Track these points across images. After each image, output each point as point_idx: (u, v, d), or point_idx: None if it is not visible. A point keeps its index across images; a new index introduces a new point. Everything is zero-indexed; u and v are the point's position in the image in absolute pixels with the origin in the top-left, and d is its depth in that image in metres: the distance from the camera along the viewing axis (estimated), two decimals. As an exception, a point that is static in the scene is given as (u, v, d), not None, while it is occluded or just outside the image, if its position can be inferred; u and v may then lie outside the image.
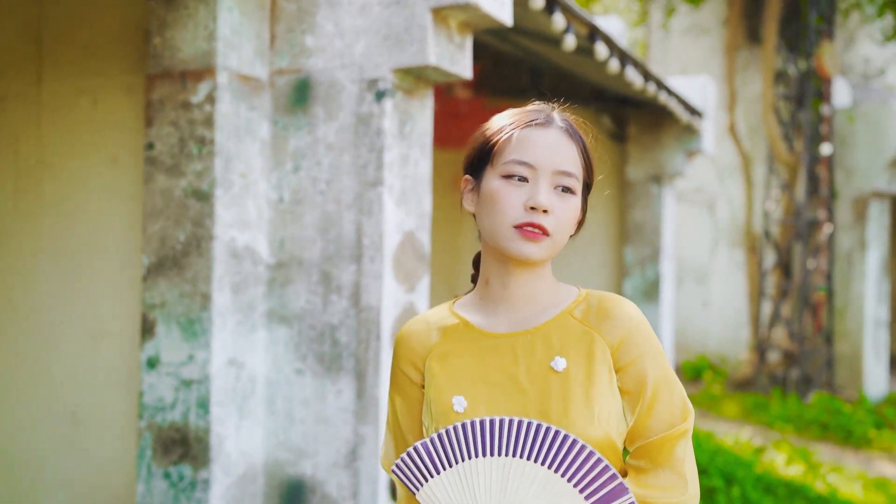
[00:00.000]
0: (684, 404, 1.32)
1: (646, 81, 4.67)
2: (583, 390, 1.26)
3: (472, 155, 1.39)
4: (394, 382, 1.42)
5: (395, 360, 1.42)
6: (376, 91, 2.80)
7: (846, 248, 8.72)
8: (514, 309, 1.35)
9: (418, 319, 1.42)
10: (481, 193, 1.35)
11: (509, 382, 1.29)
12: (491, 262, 1.37)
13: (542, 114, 1.37)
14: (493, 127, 1.38)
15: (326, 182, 2.87)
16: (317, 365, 2.88)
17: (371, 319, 2.79)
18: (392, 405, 1.43)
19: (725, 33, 9.29)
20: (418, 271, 2.96)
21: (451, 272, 6.74)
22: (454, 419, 1.28)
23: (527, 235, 1.28)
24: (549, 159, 1.30)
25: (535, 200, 1.28)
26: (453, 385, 1.31)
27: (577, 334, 1.31)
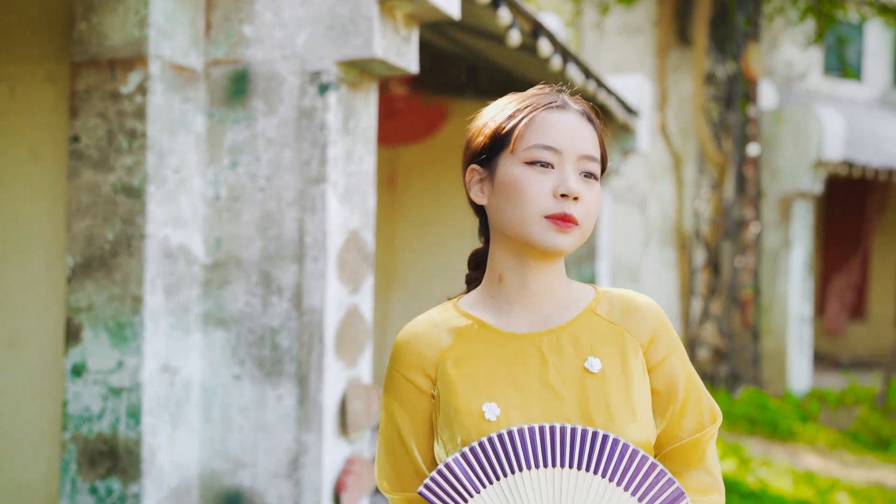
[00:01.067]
0: (712, 406, 1.28)
1: (586, 79, 4.65)
2: (622, 392, 1.19)
3: (481, 142, 1.27)
4: (394, 392, 1.27)
5: (397, 367, 1.27)
6: (319, 84, 2.68)
7: (772, 247, 8.93)
8: (533, 307, 1.25)
9: (421, 321, 1.29)
10: (497, 182, 1.23)
11: (541, 386, 1.19)
12: (506, 256, 1.26)
13: (555, 96, 1.27)
14: (501, 112, 1.27)
15: (266, 178, 2.74)
16: (256, 370, 2.75)
17: (314, 322, 2.67)
18: (391, 418, 1.27)
19: (657, 34, 9.41)
20: (363, 271, 2.85)
21: (388, 271, 6.63)
22: (487, 429, 1.15)
23: (559, 226, 1.19)
24: (573, 143, 1.21)
25: (566, 187, 1.18)
26: (479, 391, 1.19)
27: (607, 333, 1.24)
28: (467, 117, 1.35)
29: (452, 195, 6.72)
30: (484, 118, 1.29)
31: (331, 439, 2.72)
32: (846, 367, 10.48)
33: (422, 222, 6.68)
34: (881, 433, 7.13)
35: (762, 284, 8.84)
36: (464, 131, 1.26)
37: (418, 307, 6.64)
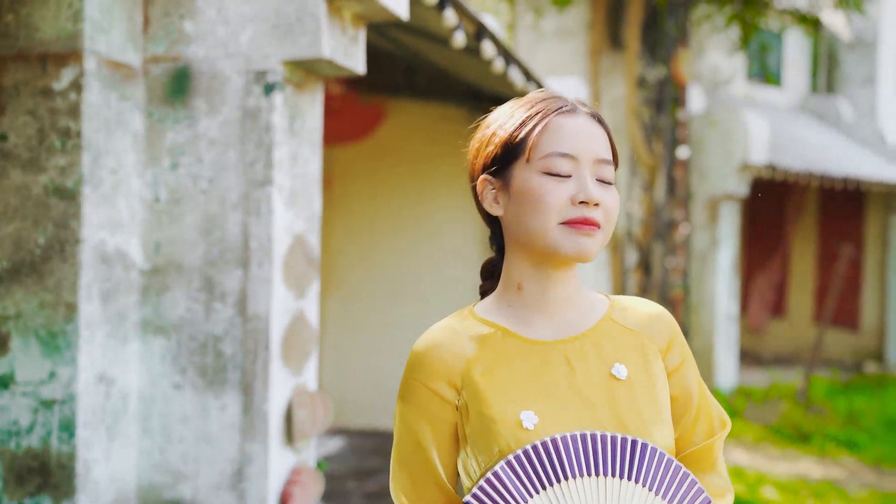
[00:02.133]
0: (721, 412, 1.30)
1: (527, 81, 4.66)
2: (650, 397, 1.20)
3: (492, 152, 1.24)
4: (414, 403, 1.22)
5: (418, 376, 1.22)
6: (265, 84, 2.60)
7: (701, 248, 9.15)
8: (554, 314, 1.23)
9: (440, 330, 1.24)
10: (514, 193, 1.21)
11: (572, 394, 1.18)
12: (524, 265, 1.23)
13: (563, 100, 1.25)
14: (510, 119, 1.23)
15: (209, 180, 2.65)
16: (198, 378, 2.66)
17: (259, 328, 2.60)
18: (410, 430, 1.22)
19: (590, 37, 9.53)
20: (308, 276, 2.79)
21: (324, 274, 6.53)
22: (526, 437, 1.13)
23: (581, 230, 1.17)
24: (588, 148, 1.20)
25: (585, 194, 1.17)
26: (513, 400, 1.16)
27: (628, 339, 1.24)
28: (405, 117, 1.30)
29: (390, 196, 6.67)
30: (491, 127, 1.26)
31: (276, 449, 2.65)
32: (768, 364, 10.82)
33: (359, 224, 6.61)
34: (803, 428, 7.36)
35: (691, 284, 9.04)
36: (403, 131, 1.25)
37: (357, 311, 6.57)
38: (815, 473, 6.22)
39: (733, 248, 9.32)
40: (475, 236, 6.58)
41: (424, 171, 6.65)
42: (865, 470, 6.42)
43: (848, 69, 12.51)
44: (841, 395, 8.74)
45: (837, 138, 11.38)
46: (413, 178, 6.65)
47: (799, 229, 12.02)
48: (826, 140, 11.02)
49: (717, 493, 1.25)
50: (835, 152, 10.54)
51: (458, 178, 6.61)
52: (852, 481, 6.05)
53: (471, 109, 6.52)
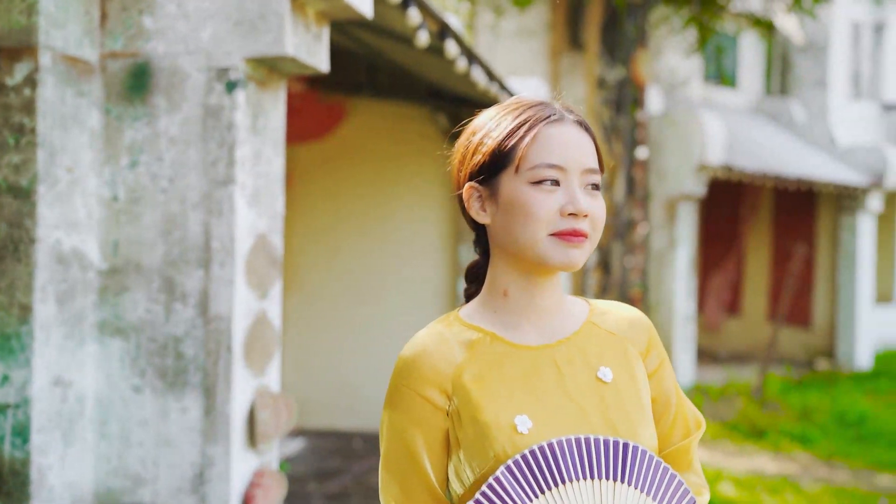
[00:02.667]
0: (695, 412, 1.33)
1: (490, 81, 4.67)
2: (636, 400, 1.22)
3: (479, 161, 1.23)
4: (404, 410, 1.21)
5: (407, 383, 1.21)
6: (227, 81, 2.56)
7: (659, 247, 9.25)
8: (539, 320, 1.25)
9: (428, 335, 1.24)
10: (503, 203, 1.21)
11: (562, 397, 1.20)
12: (510, 272, 1.24)
13: (550, 108, 1.25)
14: (498, 127, 1.23)
15: (169, 179, 2.60)
16: (158, 381, 2.61)
17: (221, 329, 2.56)
18: (400, 437, 1.21)
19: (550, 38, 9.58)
20: (271, 276, 2.75)
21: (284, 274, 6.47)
22: (521, 442, 1.15)
23: (570, 241, 1.19)
24: (577, 158, 1.21)
25: (576, 206, 1.18)
26: (506, 405, 1.17)
27: (610, 343, 1.26)
28: (366, 116, 1.29)
29: (352, 196, 6.63)
30: (478, 134, 1.25)
31: (238, 451, 2.61)
32: (724, 361, 10.99)
33: (320, 224, 6.55)
34: (758, 424, 7.49)
35: (650, 283, 9.14)
36: (364, 130, 1.23)
37: (317, 311, 6.52)
38: (770, 469, 6.33)
39: (690, 247, 9.45)
40: (438, 236, 6.57)
41: (386, 171, 6.62)
42: (818, 464, 6.55)
43: (800, 72, 12.76)
44: (794, 391, 8.91)
45: (790, 139, 11.60)
46: (375, 177, 6.61)
47: (753, 229, 12.23)
48: (779, 141, 11.23)
49: (695, 492, 1.28)
50: (788, 153, 10.74)
51: (421, 178, 6.60)
52: (806, 476, 6.17)
53: (433, 109, 6.51)
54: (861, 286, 10.90)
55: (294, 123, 6.14)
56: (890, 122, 13.22)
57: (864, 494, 5.69)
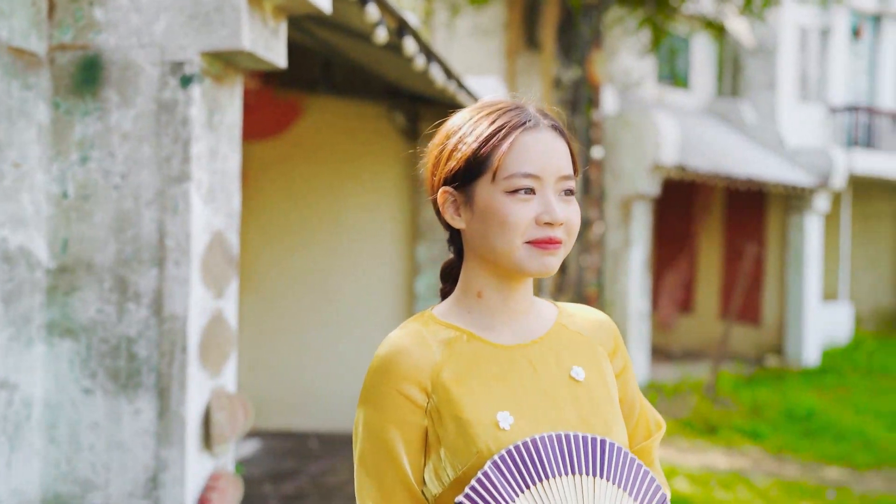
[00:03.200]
0: (656, 413, 1.36)
1: (448, 79, 4.65)
2: (607, 398, 1.25)
3: (454, 167, 1.23)
4: (384, 408, 1.19)
5: (390, 382, 1.19)
6: (182, 76, 2.50)
7: (614, 246, 9.34)
8: (513, 320, 1.26)
9: (406, 333, 1.23)
10: (478, 211, 1.22)
11: (539, 395, 1.21)
12: (484, 275, 1.25)
13: (525, 112, 1.24)
14: (473, 132, 1.23)
15: (122, 175, 2.53)
16: (110, 383, 2.54)
17: (176, 330, 2.50)
18: (377, 436, 1.19)
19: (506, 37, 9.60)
20: (228, 275, 2.70)
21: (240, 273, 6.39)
22: (504, 438, 1.16)
23: (545, 249, 1.20)
24: (552, 166, 1.21)
25: (552, 216, 1.19)
26: (487, 402, 1.18)
27: (580, 344, 1.28)
28: (322, 114, 1.28)
29: (307, 194, 6.56)
30: (452, 138, 1.25)
31: (193, 454, 2.56)
32: (677, 359, 11.14)
33: (274, 222, 6.47)
34: (711, 420, 7.61)
35: (605, 282, 9.22)
36: (320, 128, 1.20)
37: (272, 310, 6.43)
38: (722, 464, 6.42)
39: (645, 246, 9.56)
40: (394, 235, 6.54)
41: (342, 169, 6.56)
42: (769, 459, 6.67)
43: (750, 74, 13.00)
44: (745, 388, 9.07)
45: (741, 140, 11.80)
46: (331, 175, 6.56)
47: (705, 228, 12.42)
48: (730, 142, 11.42)
49: None
50: (739, 154, 10.92)
51: (377, 176, 6.56)
52: (757, 470, 6.28)
53: (390, 107, 6.47)
54: (809, 285, 11.14)
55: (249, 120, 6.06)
56: (836, 124, 13.54)
57: (812, 488, 5.81)
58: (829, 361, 11.20)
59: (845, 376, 10.21)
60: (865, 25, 13.92)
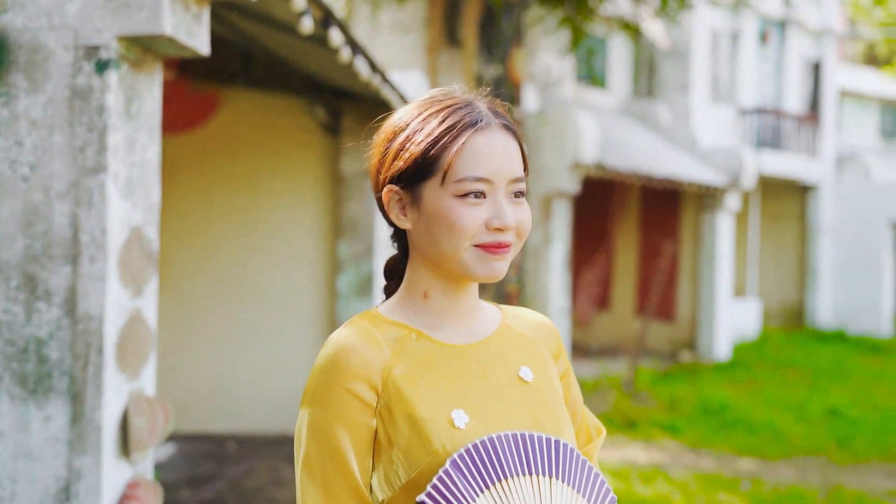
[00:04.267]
0: (595, 419, 1.37)
1: (372, 73, 4.57)
2: (556, 399, 1.23)
3: (401, 167, 1.18)
4: (331, 408, 1.13)
5: (337, 379, 1.14)
6: (97, 61, 2.36)
7: (535, 244, 9.41)
8: (460, 320, 1.23)
9: (353, 331, 1.18)
10: (425, 213, 1.18)
11: (489, 395, 1.18)
12: (430, 276, 1.22)
13: (477, 111, 1.19)
14: (421, 131, 1.17)
15: (30, 166, 2.37)
16: (17, 387, 2.37)
17: (91, 330, 2.35)
18: (324, 436, 1.13)
19: (427, 33, 9.56)
20: (146, 273, 2.56)
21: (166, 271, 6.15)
22: (460, 437, 1.12)
23: (494, 253, 1.17)
24: (504, 169, 1.18)
25: (502, 221, 1.16)
26: (441, 400, 1.15)
27: (525, 344, 1.26)
28: (240, 107, 1.21)
29: (224, 190, 6.37)
30: (400, 136, 1.19)
31: (110, 462, 2.41)
32: (595, 355, 11.32)
33: (191, 219, 6.26)
34: (630, 415, 7.74)
35: (526, 279, 9.28)
36: (238, 122, 1.13)
37: (187, 309, 6.22)
38: (642, 458, 6.54)
39: (565, 243, 9.67)
40: (315, 231, 6.42)
41: (261, 165, 6.40)
42: (686, 452, 6.83)
43: (665, 76, 13.32)
44: (662, 383, 9.27)
45: (657, 140, 12.08)
46: (249, 170, 6.39)
47: (622, 226, 12.66)
48: (647, 141, 11.67)
49: None
50: (655, 153, 11.17)
51: (298, 172, 6.42)
52: (675, 464, 6.41)
53: (310, 101, 6.34)
54: (720, 281, 11.48)
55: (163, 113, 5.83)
56: (746, 125, 14.01)
57: (728, 480, 5.96)
58: (740, 356, 11.57)
59: (755, 370, 10.56)
60: (772, 31, 14.45)
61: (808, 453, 6.91)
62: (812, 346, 12.80)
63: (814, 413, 8.25)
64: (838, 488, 5.81)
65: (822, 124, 15.21)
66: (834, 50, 15.74)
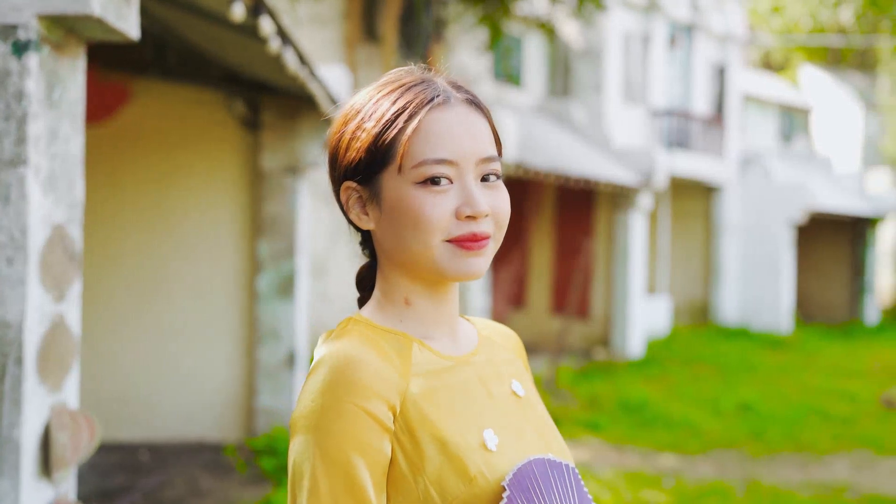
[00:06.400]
0: None
1: (301, 65, 4.40)
2: (546, 415, 1.14)
3: (355, 158, 1.04)
4: (345, 432, 0.95)
5: (352, 398, 0.96)
6: (15, 42, 2.14)
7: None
8: (447, 329, 1.10)
9: (363, 341, 1.02)
10: (386, 208, 1.04)
11: (499, 412, 1.07)
12: (405, 280, 1.07)
13: (433, 86, 1.05)
14: (374, 113, 1.03)
15: (-62, 157, 2.13)
16: (-78, 404, 2.13)
17: (9, 339, 2.14)
18: (339, 468, 0.95)
19: (345, 28, 9.39)
20: (69, 275, 2.35)
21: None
22: (495, 460, 1.00)
23: (471, 249, 1.02)
24: (470, 148, 1.03)
25: (473, 208, 1.02)
26: (465, 419, 1.01)
27: (506, 356, 1.16)
28: (153, 99, 1.06)
29: (135, 186, 6.05)
30: (351, 124, 1.06)
31: (30, 483, 2.20)
32: (512, 353, 11.36)
33: (99, 217, 5.91)
34: (552, 414, 7.78)
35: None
36: (150, 115, 1.01)
37: (93, 312, 5.87)
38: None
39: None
40: (233, 229, 6.17)
41: (176, 159, 6.12)
42: (609, 449, 6.89)
43: (579, 76, 13.49)
44: (581, 381, 9.36)
45: (572, 139, 12.21)
46: (163, 166, 6.09)
47: (538, 225, 12.76)
48: (563, 140, 11.78)
49: None
50: (571, 152, 11.28)
51: (215, 168, 6.16)
52: (600, 462, 6.45)
53: (228, 94, 6.09)
54: (633, 280, 11.69)
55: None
56: (656, 126, 14.33)
57: (651, 477, 6.04)
58: (653, 353, 11.82)
59: (668, 366, 10.80)
60: (681, 35, 14.84)
61: (724, 447, 7.08)
62: (719, 342, 13.20)
63: (727, 407, 8.48)
64: (756, 483, 5.96)
65: (726, 127, 15.72)
66: (737, 55, 16.30)
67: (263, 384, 5.93)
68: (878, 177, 20.02)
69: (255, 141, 6.23)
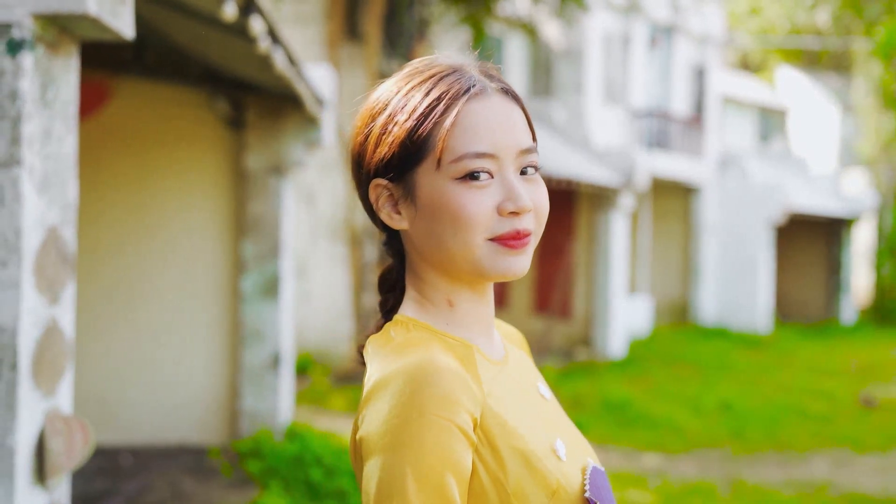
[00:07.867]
0: None
1: (290, 65, 4.36)
2: (568, 417, 1.13)
3: (387, 154, 0.99)
4: (435, 450, 0.88)
5: (445, 412, 0.89)
6: (9, 41, 2.10)
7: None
8: (488, 332, 1.07)
9: (442, 347, 0.96)
10: (423, 205, 0.99)
11: (548, 417, 1.05)
12: (445, 280, 1.03)
13: (468, 76, 1.01)
14: (407, 106, 0.99)
15: (-71, 158, 2.08)
16: (-87, 411, 2.08)
17: (3, 343, 2.09)
18: (433, 490, 0.88)
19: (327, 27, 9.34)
20: (63, 278, 2.31)
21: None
22: (568, 470, 0.98)
23: (512, 247, 0.99)
24: (509, 140, 0.99)
25: (517, 203, 0.98)
26: (535, 428, 0.99)
27: (527, 359, 1.15)
28: (133, 98, 1.02)
29: (115, 186, 5.97)
30: (381, 117, 1.01)
31: (24, 491, 2.16)
32: (494, 353, 11.36)
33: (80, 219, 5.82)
34: (535, 413, 7.79)
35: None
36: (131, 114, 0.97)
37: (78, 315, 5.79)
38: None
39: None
40: (215, 230, 6.12)
41: (156, 160, 6.05)
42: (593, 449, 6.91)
43: (560, 77, 13.53)
44: (563, 380, 9.39)
45: (553, 140, 12.24)
46: (142, 166, 6.02)
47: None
48: (544, 141, 11.81)
49: None
50: (552, 153, 11.31)
51: (196, 168, 6.10)
52: (584, 461, 6.47)
53: (211, 93, 6.03)
54: (615, 280, 11.74)
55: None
56: (637, 127, 14.40)
57: (636, 477, 6.06)
58: (634, 352, 11.87)
59: (649, 366, 10.85)
60: (661, 36, 14.93)
61: (706, 446, 7.13)
62: (698, 342, 13.30)
63: (708, 407, 8.54)
64: (740, 482, 6.00)
65: (705, 127, 15.84)
66: (716, 56, 16.42)
67: (248, 386, 5.88)
68: (854, 178, 20.27)
69: (238, 140, 6.18)
